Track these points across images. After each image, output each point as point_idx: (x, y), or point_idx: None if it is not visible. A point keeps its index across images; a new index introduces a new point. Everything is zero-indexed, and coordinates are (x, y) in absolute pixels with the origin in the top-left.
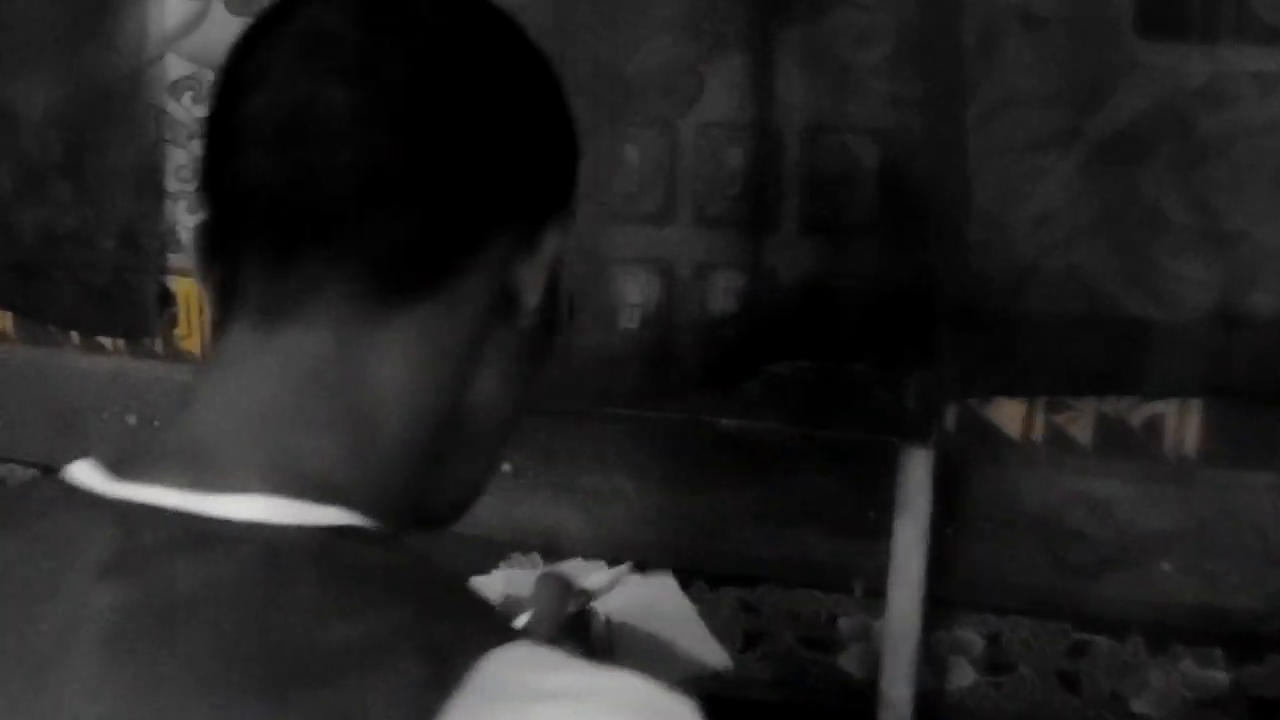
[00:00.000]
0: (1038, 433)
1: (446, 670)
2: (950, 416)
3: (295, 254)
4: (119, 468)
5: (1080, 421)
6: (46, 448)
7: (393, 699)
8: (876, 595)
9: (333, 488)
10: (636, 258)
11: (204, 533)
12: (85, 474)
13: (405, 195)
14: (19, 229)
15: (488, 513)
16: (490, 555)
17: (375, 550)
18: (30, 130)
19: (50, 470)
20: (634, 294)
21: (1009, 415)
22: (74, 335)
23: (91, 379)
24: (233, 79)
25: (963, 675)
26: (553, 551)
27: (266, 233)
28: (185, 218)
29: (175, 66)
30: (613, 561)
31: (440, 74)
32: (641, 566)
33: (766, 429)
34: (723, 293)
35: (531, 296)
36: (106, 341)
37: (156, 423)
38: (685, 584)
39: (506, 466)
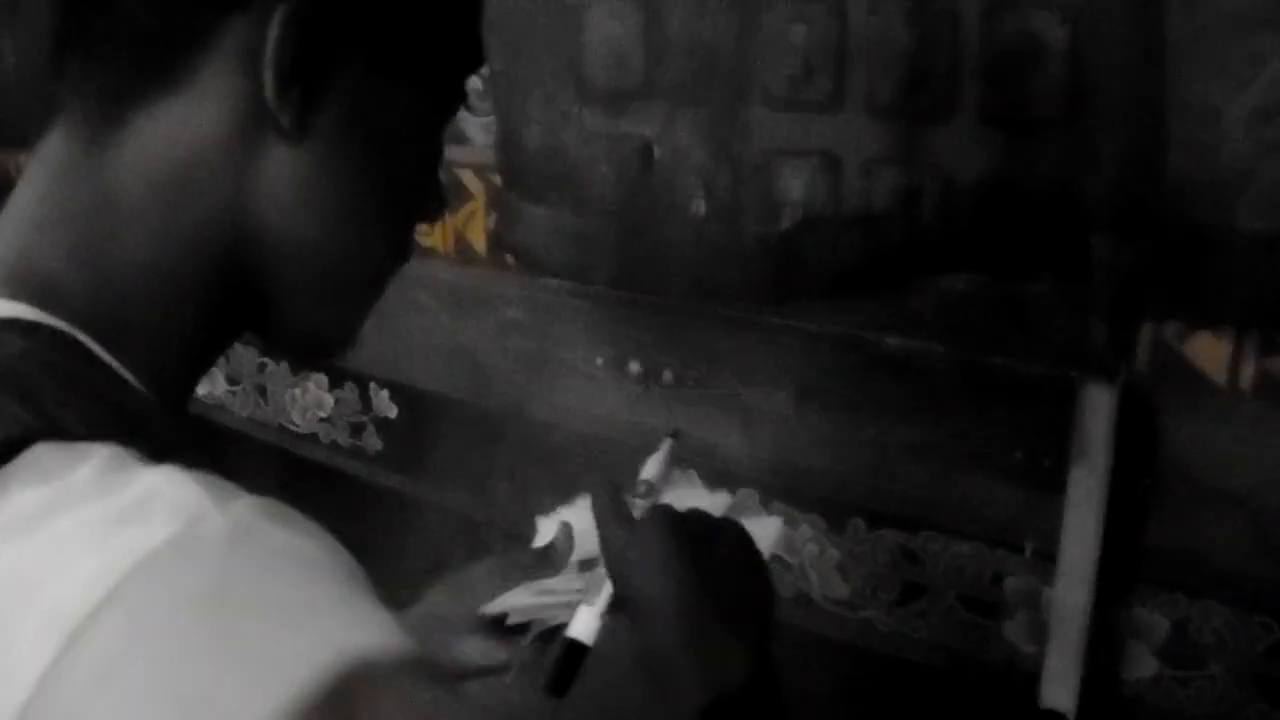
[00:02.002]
0: (1246, 380)
1: None
2: (1143, 352)
3: (64, 56)
4: None
5: None
6: None
7: None
8: (1049, 558)
9: (51, 290)
10: (800, 150)
11: None
12: None
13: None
14: None
15: (644, 422)
16: None
17: (14, 340)
18: None
19: None
20: (796, 191)
21: (1213, 356)
22: None
23: None
24: None
25: (1142, 664)
26: (708, 469)
27: (52, 37)
28: None
29: None
30: (766, 490)
31: None
32: (796, 496)
33: (935, 353)
34: (890, 191)
35: (269, 88)
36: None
37: None
38: (842, 521)
39: (668, 374)
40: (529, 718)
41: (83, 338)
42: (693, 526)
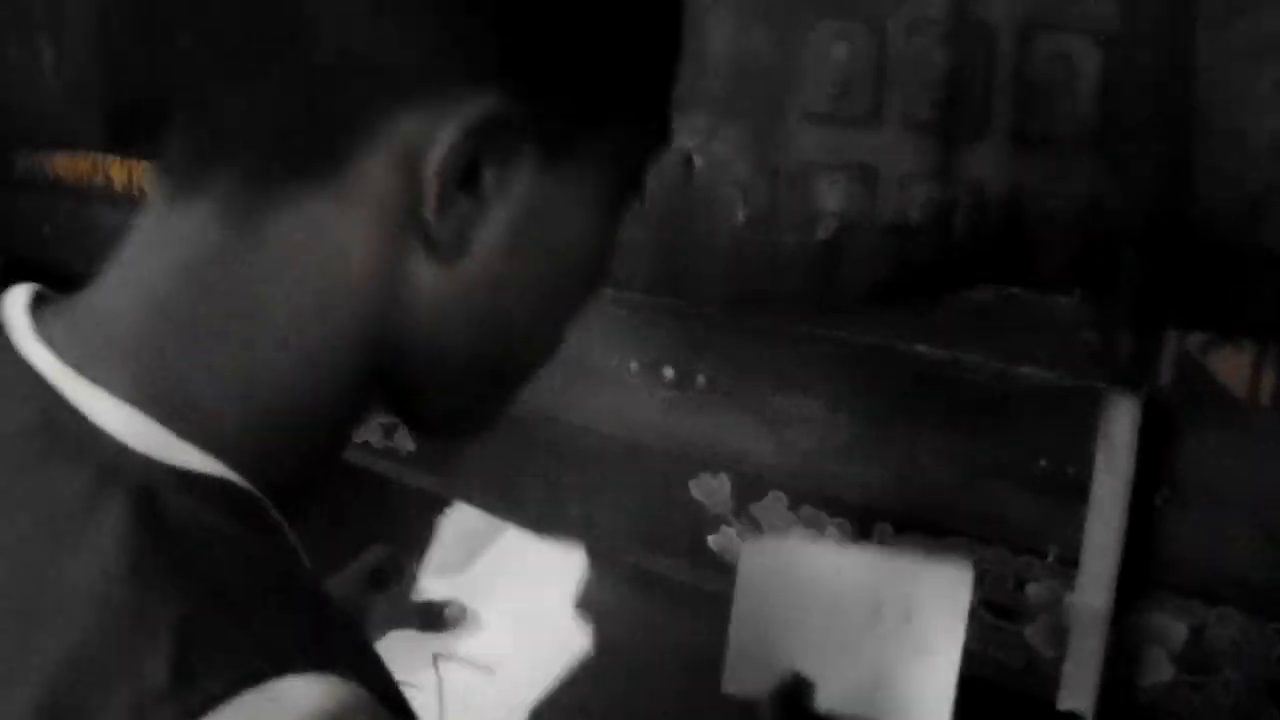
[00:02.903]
0: (1266, 393)
1: (190, 694)
2: (1167, 366)
3: (190, 121)
4: (43, 309)
5: None
6: None
7: (128, 702)
8: (1070, 565)
9: (202, 417)
10: (838, 163)
11: (55, 422)
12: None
13: (280, 53)
14: None
15: (676, 427)
16: (679, 471)
17: (220, 519)
18: None
19: None
20: (833, 202)
21: (1235, 370)
22: None
23: None
24: None
25: (1159, 670)
26: (739, 473)
27: (172, 79)
28: None
29: None
30: (795, 495)
31: None
32: (824, 500)
33: (964, 362)
34: (924, 205)
35: (430, 201)
36: None
37: None
38: (869, 525)
39: (700, 380)
40: None
41: (241, 483)
42: None
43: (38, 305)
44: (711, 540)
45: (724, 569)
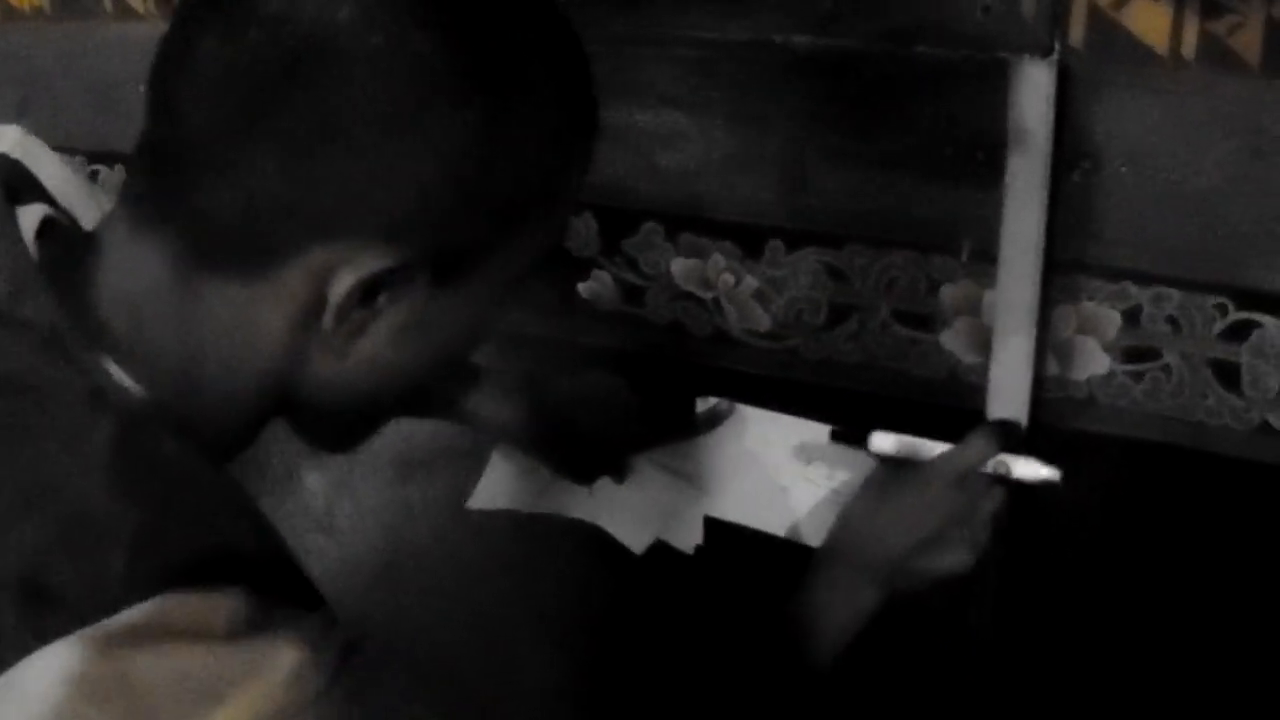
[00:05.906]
0: (1189, 47)
1: (136, 585)
2: (1078, 26)
3: (156, 172)
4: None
5: (1246, 32)
6: (90, 128)
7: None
8: (988, 260)
9: (159, 384)
10: None
11: (61, 338)
12: None
13: (230, 171)
14: None
15: None
16: None
17: (172, 448)
18: None
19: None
20: None
21: (1152, 23)
22: (107, 2)
23: (129, 49)
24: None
25: (1094, 362)
26: (605, 209)
27: (150, 135)
28: None
29: None
30: (672, 224)
31: (327, 86)
32: (704, 224)
33: (849, 49)
34: None
35: (329, 315)
36: (138, 5)
37: None
38: (759, 245)
39: None
40: None
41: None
42: None
43: (43, 233)
44: (583, 288)
45: (600, 319)
